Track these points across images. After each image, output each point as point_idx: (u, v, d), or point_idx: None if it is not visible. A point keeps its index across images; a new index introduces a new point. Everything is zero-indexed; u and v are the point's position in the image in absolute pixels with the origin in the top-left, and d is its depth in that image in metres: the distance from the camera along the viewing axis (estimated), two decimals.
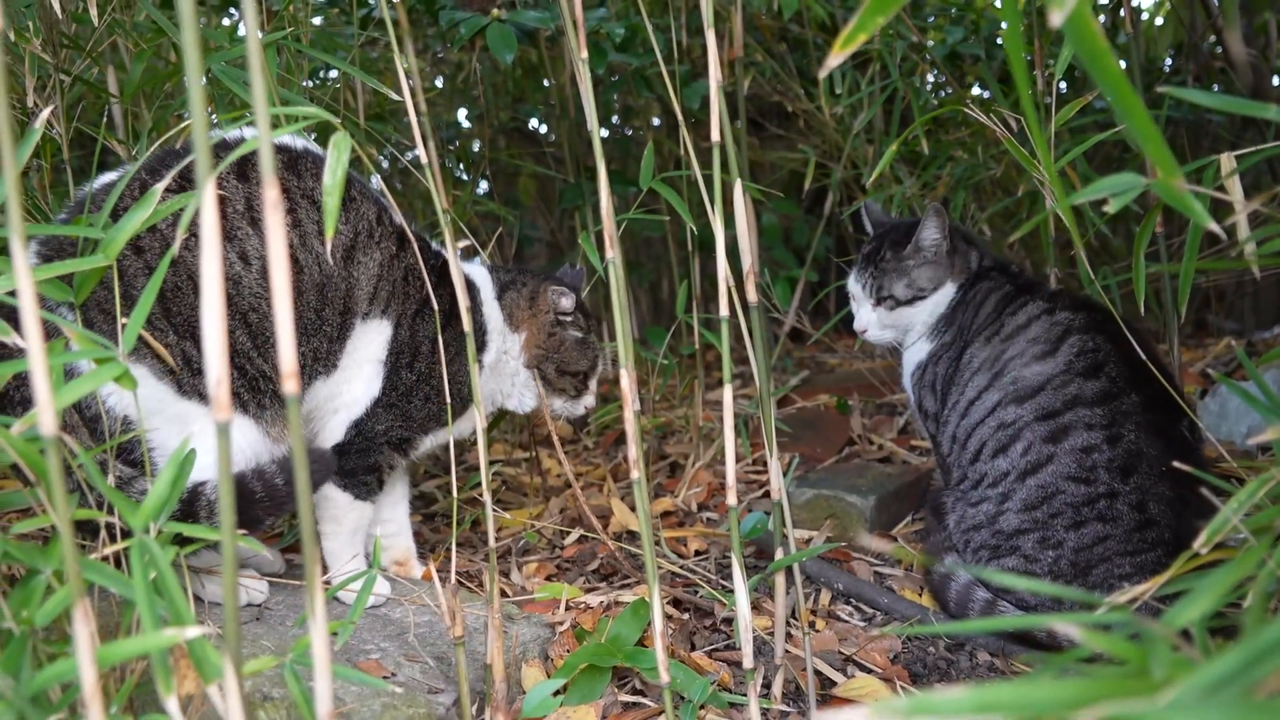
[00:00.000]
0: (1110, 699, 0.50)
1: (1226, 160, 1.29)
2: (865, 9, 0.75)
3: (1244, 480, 1.24)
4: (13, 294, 1.07)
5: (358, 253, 1.71)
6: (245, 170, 1.61)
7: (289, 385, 0.81)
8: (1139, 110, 0.69)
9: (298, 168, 1.66)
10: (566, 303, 1.90)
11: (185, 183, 1.56)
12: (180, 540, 1.16)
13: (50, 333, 1.34)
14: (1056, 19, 0.63)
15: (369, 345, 1.75)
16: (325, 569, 1.80)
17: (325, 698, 0.88)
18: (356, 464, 1.78)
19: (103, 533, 1.22)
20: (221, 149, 1.56)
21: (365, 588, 1.36)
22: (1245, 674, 0.48)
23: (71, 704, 0.97)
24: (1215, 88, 3.39)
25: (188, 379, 1.55)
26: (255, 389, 1.62)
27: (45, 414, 0.79)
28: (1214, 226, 0.91)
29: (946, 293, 2.02)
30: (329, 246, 1.68)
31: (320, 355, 1.70)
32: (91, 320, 1.49)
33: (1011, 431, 1.81)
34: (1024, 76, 0.78)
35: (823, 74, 0.86)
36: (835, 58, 0.78)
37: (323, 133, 2.25)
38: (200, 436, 1.52)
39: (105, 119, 2.07)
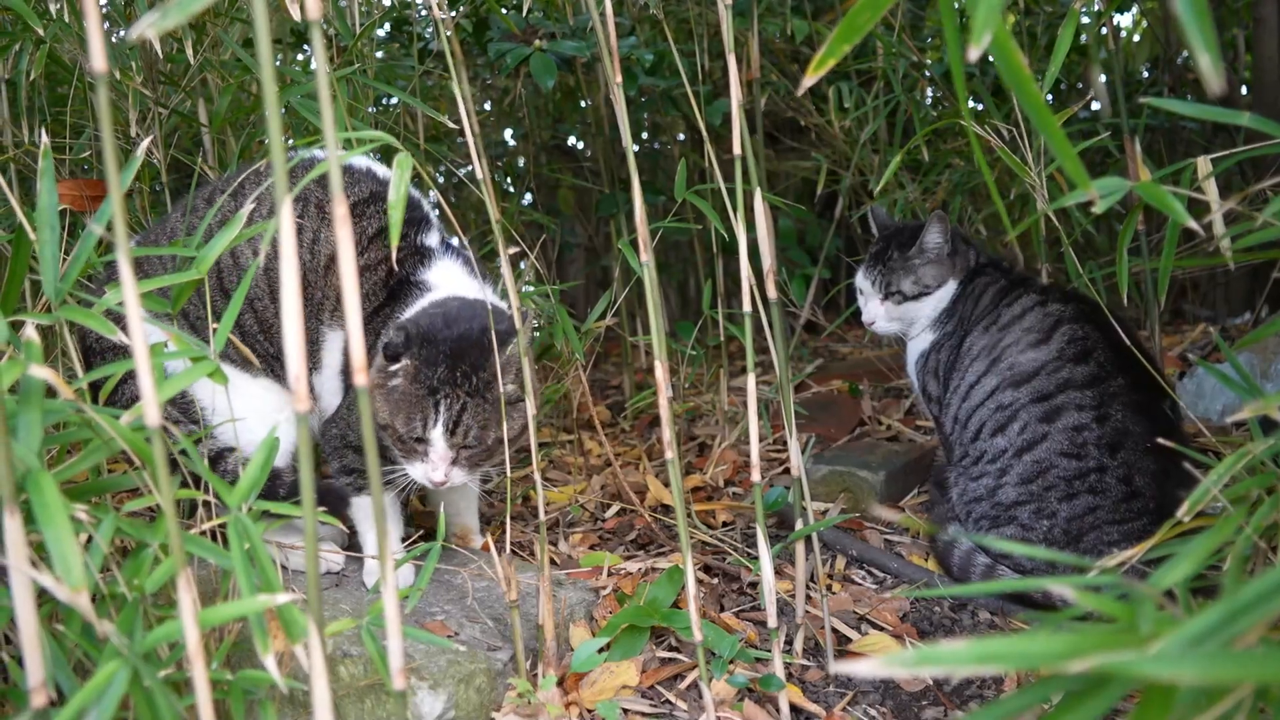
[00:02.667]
0: (1102, 651, 0.50)
1: (1203, 163, 1.27)
2: (834, 38, 0.74)
3: (1220, 454, 1.22)
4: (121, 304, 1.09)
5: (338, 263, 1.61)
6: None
7: (359, 379, 0.82)
8: (1055, 128, 0.68)
9: (321, 178, 1.63)
10: (387, 355, 1.45)
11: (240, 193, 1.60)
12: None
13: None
14: (974, 54, 0.62)
15: (333, 353, 1.65)
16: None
17: (397, 655, 0.89)
18: (335, 465, 1.70)
19: (200, 509, 1.24)
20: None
21: (430, 559, 1.37)
22: (1226, 628, 0.48)
23: (178, 660, 0.99)
24: (1188, 97, 3.33)
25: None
26: (278, 360, 1.61)
27: (150, 407, 0.81)
28: (1193, 224, 0.90)
29: (949, 289, 2.00)
30: (393, 255, 1.61)
31: (312, 351, 1.64)
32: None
33: (1009, 412, 1.79)
34: (964, 96, 0.77)
35: (800, 91, 0.85)
36: (809, 78, 0.78)
37: (385, 154, 2.26)
38: (235, 397, 1.53)
39: (200, 149, 2.10)
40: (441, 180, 3.37)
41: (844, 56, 0.75)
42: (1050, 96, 3.22)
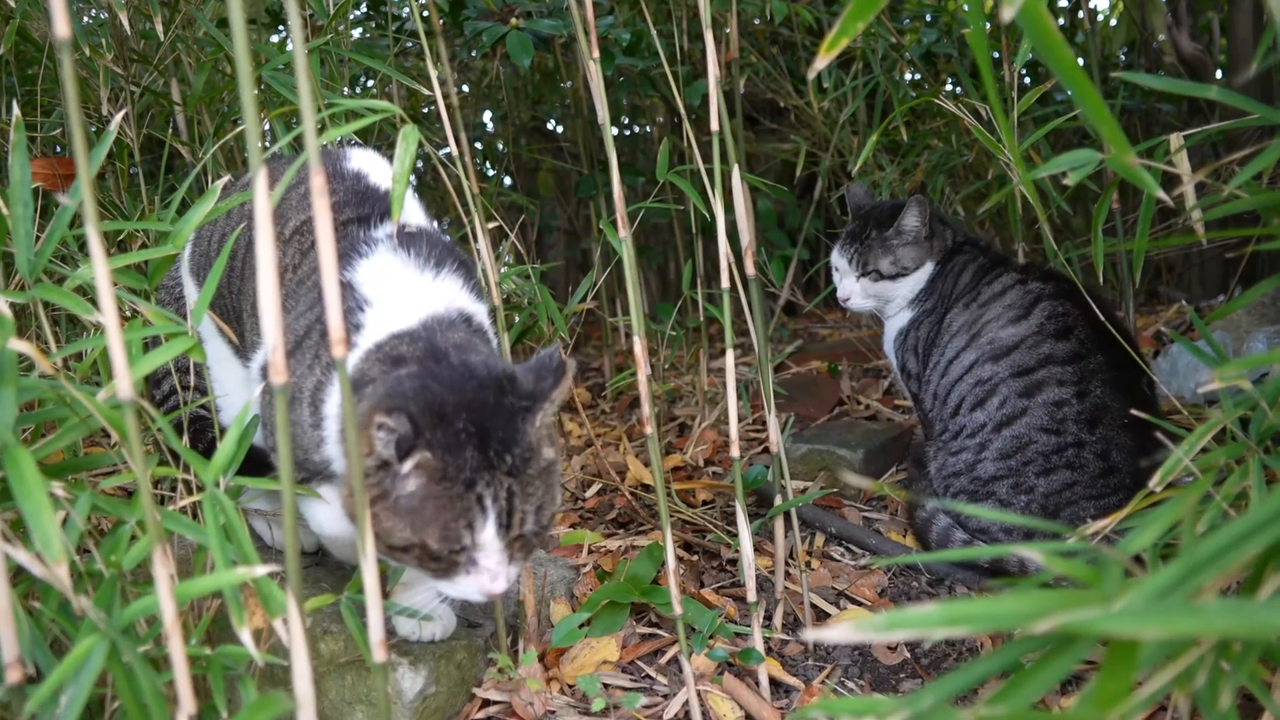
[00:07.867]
0: (1066, 609, 0.51)
1: (1175, 139, 1.28)
2: (846, 16, 0.74)
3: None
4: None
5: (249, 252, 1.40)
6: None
7: (338, 350, 0.82)
8: (1091, 92, 0.69)
9: (274, 170, 1.60)
10: (384, 441, 1.05)
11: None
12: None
13: None
14: (1008, 14, 0.63)
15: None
16: None
17: (377, 628, 0.90)
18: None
19: (180, 485, 1.24)
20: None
21: None
22: (1185, 583, 0.49)
23: (156, 636, 0.99)
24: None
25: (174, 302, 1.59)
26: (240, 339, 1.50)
27: (122, 381, 0.80)
28: (1163, 195, 0.91)
29: (926, 270, 2.02)
30: (394, 229, 1.34)
31: (241, 336, 1.47)
32: None
33: (988, 386, 1.81)
34: (989, 69, 0.78)
35: (811, 74, 0.85)
36: (822, 60, 0.78)
37: (362, 135, 2.24)
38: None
39: (171, 126, 2.08)
40: (420, 163, 3.35)
41: (821, 38, 0.75)
42: (1028, 78, 3.23)
